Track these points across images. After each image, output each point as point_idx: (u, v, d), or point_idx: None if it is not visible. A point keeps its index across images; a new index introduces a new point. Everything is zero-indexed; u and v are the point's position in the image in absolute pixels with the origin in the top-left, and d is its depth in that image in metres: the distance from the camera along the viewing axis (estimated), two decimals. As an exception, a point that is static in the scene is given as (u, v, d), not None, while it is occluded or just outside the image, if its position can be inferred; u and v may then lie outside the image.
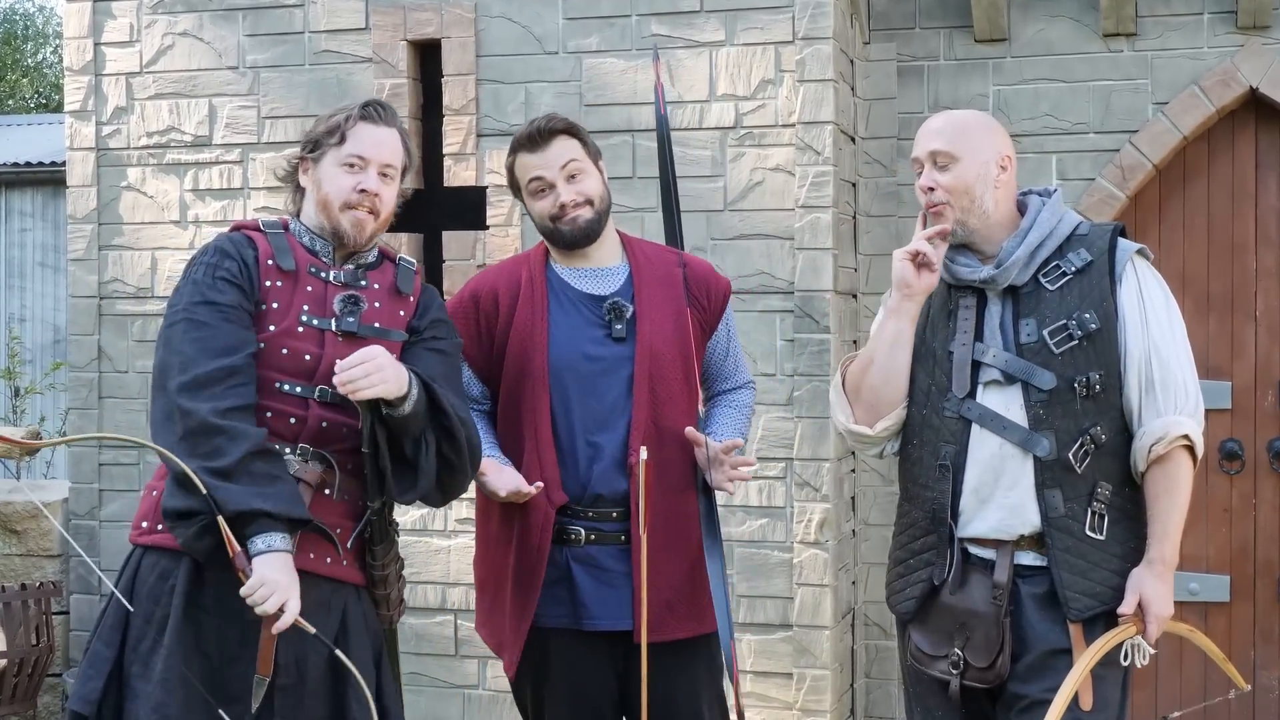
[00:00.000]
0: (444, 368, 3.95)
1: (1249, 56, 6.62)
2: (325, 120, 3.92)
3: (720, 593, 4.17)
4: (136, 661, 3.69)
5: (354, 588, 3.88)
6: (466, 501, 6.80)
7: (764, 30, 6.57)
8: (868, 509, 7.00)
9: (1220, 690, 6.77)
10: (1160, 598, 3.78)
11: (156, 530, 3.73)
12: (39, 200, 16.06)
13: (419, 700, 6.89)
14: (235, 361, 3.66)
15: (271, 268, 3.81)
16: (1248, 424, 6.84)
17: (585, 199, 4.20)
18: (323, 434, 3.80)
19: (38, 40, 30.17)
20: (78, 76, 7.40)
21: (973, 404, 3.89)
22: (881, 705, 6.99)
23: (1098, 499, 3.82)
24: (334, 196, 3.86)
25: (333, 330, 3.82)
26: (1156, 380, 3.83)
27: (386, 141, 3.93)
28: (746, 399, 4.45)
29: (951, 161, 3.92)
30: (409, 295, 3.98)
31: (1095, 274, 3.87)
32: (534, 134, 4.20)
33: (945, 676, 3.93)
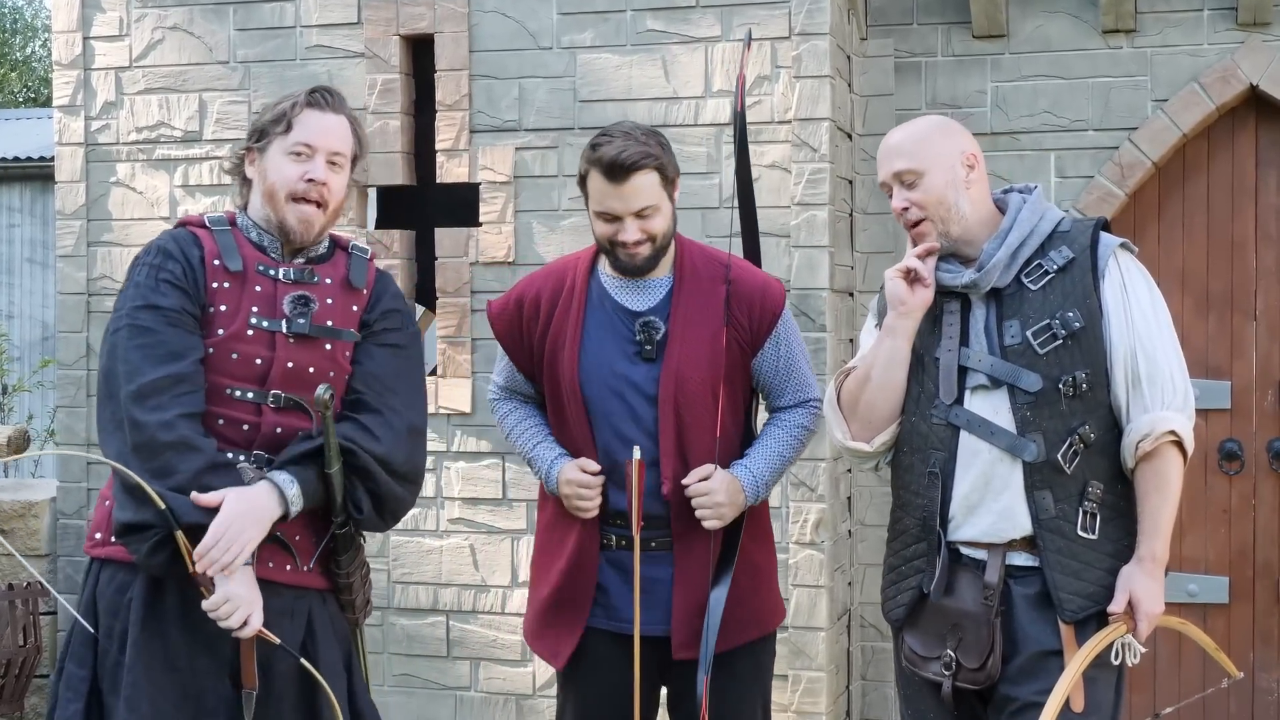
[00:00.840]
0: (395, 364, 3.88)
1: (1249, 53, 6.58)
2: (271, 109, 3.81)
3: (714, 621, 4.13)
4: (106, 678, 3.65)
5: (318, 592, 3.83)
6: (459, 501, 6.83)
7: (760, 26, 6.53)
8: (864, 509, 6.96)
9: (1219, 695, 6.74)
10: (1150, 595, 3.76)
11: (111, 542, 3.66)
12: (27, 196, 16.02)
13: (410, 702, 6.86)
14: (182, 368, 3.58)
15: (218, 268, 3.71)
16: (1247, 424, 6.81)
17: (648, 238, 4.12)
18: (276, 439, 3.73)
19: (26, 34, 30.10)
20: (67, 71, 7.35)
21: (960, 410, 3.88)
22: (877, 707, 6.96)
23: (1089, 499, 3.81)
24: (280, 186, 3.76)
25: (284, 332, 3.74)
26: (1143, 376, 3.81)
27: (334, 128, 3.83)
28: (797, 420, 4.33)
29: (917, 177, 3.92)
30: (362, 288, 3.89)
31: (1078, 271, 3.85)
32: (617, 164, 4.03)
33: (938, 678, 3.92)
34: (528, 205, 6.77)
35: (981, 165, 3.98)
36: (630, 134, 4.10)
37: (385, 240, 6.97)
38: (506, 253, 6.78)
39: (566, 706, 4.33)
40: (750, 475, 4.21)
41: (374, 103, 6.93)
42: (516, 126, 6.81)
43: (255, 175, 3.81)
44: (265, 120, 3.80)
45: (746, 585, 4.24)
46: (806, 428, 4.34)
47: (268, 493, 3.61)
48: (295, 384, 3.74)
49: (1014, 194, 4.02)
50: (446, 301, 6.84)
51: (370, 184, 7.02)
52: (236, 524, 3.52)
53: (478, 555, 6.81)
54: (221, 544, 3.50)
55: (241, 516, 3.54)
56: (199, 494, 3.52)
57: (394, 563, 6.94)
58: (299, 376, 3.74)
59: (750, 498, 4.20)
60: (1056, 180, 6.77)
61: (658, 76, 6.65)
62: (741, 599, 4.21)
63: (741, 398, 4.29)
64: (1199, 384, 6.63)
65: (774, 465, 4.26)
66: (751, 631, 4.26)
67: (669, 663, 4.20)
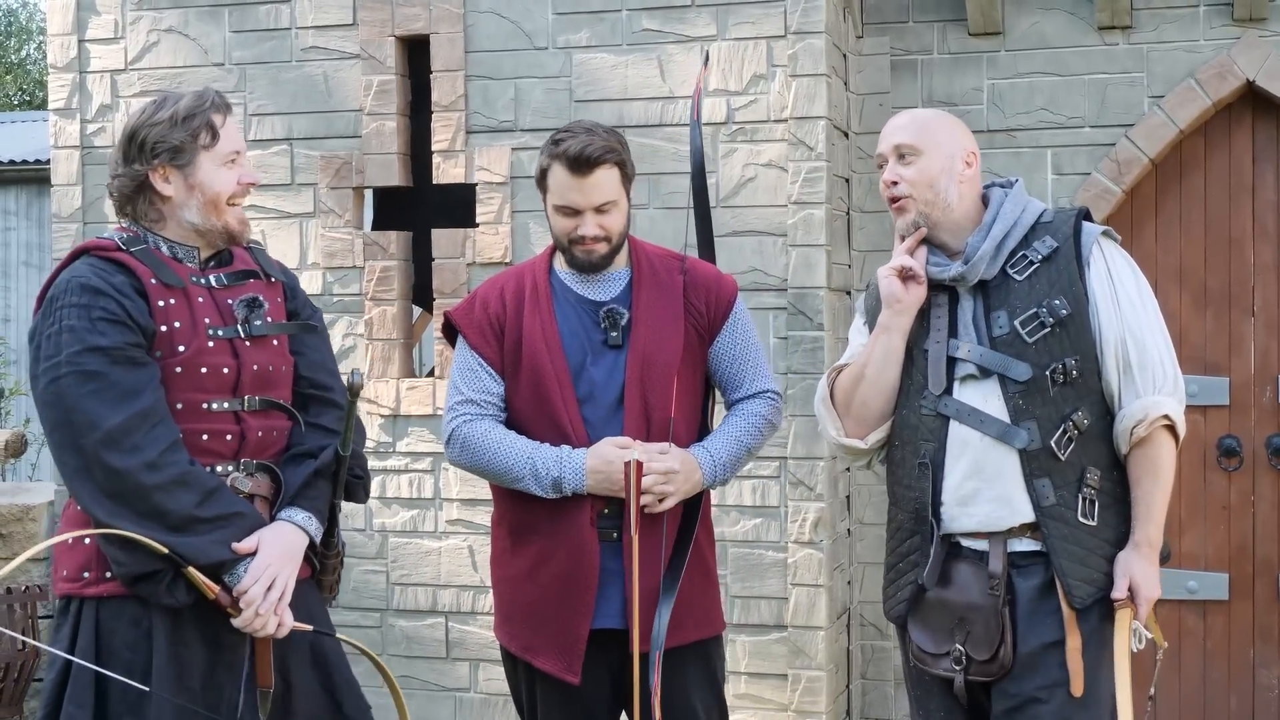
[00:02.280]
0: (326, 348, 4.01)
1: (1246, 49, 6.60)
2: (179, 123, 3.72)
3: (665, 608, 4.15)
4: (127, 712, 3.60)
5: (307, 582, 3.90)
6: (458, 503, 6.85)
7: (756, 25, 6.55)
8: (863, 508, 6.98)
9: (1220, 692, 6.80)
10: (1149, 579, 3.83)
11: (105, 579, 3.63)
12: (23, 199, 16.03)
13: (409, 704, 6.77)
14: (144, 404, 3.56)
15: (158, 286, 3.67)
16: (1246, 420, 6.82)
17: (605, 235, 4.19)
18: (260, 443, 3.79)
19: (21, 37, 30.11)
20: (62, 74, 7.36)
21: (949, 400, 3.92)
22: (878, 707, 6.97)
23: (1087, 485, 3.85)
24: (223, 194, 3.76)
25: (241, 337, 3.77)
26: (1134, 361, 3.85)
27: (240, 130, 3.92)
28: (755, 409, 4.36)
29: (915, 155, 3.97)
30: (278, 280, 3.96)
31: (1062, 260, 3.89)
32: (581, 158, 4.12)
33: (949, 674, 3.95)
34: (524, 205, 6.79)
35: (978, 168, 4.04)
36: (593, 130, 4.19)
37: (381, 241, 6.98)
38: (503, 253, 6.80)
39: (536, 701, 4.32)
40: (708, 455, 4.23)
41: (370, 104, 6.94)
42: (513, 127, 6.83)
43: (176, 190, 3.75)
44: (180, 137, 3.72)
45: (699, 584, 4.27)
46: (766, 417, 4.36)
47: (294, 532, 3.74)
48: (264, 385, 3.80)
49: (995, 188, 4.07)
50: (444, 302, 6.83)
51: (367, 185, 7.04)
52: (275, 564, 3.65)
53: (476, 557, 6.82)
54: (262, 582, 3.61)
55: (278, 558, 3.66)
56: (237, 544, 3.61)
57: (393, 564, 6.96)
58: (265, 377, 3.80)
59: (707, 476, 4.22)
60: (1053, 177, 6.79)
61: (653, 76, 6.67)
62: (693, 598, 4.23)
63: (700, 386, 4.34)
64: (1198, 380, 6.71)
65: (732, 450, 4.27)
66: (703, 630, 4.28)
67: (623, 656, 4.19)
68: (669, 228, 6.47)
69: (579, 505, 4.15)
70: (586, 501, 4.14)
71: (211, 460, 3.69)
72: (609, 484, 4.10)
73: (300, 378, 3.91)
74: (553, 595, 4.18)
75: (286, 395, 3.88)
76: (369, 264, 6.96)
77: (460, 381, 4.31)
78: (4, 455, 7.77)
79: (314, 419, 3.89)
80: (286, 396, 3.87)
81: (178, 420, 3.63)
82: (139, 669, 3.59)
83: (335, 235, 6.99)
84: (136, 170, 3.74)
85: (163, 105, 3.76)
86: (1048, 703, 3.83)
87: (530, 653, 4.24)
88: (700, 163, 4.59)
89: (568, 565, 4.16)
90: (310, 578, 3.92)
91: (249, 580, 3.60)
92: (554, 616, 4.18)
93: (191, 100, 3.76)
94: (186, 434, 3.64)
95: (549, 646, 4.20)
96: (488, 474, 4.26)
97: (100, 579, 3.63)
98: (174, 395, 3.65)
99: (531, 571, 4.22)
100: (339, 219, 7.01)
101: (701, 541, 4.32)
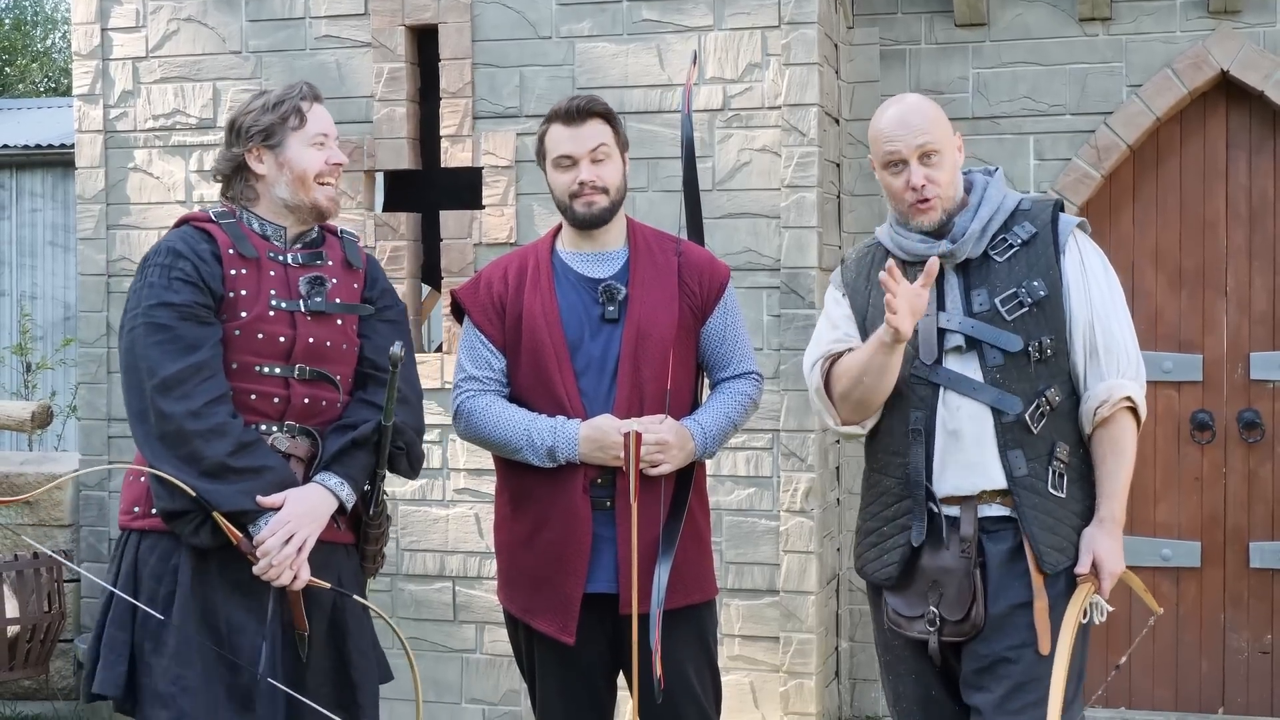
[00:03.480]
0: (393, 337, 4.15)
1: (1220, 40, 6.73)
2: (270, 109, 4.04)
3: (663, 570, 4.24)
4: (148, 638, 3.86)
5: (345, 547, 4.09)
6: (464, 472, 6.98)
7: (751, 15, 6.69)
8: (852, 478, 7.06)
9: (1193, 655, 6.96)
10: (1112, 555, 3.94)
11: (150, 514, 3.90)
12: (49, 181, 15.99)
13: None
14: (200, 358, 3.83)
15: (234, 256, 3.95)
16: (1218, 396, 6.97)
17: (604, 186, 4.33)
18: (305, 410, 4.00)
19: (46, 26, 30.09)
20: (85, 61, 7.50)
21: (942, 369, 4.00)
22: (865, 668, 7.10)
23: (1057, 458, 3.96)
24: (310, 172, 4.03)
25: (301, 311, 4.00)
26: (1100, 345, 3.97)
27: (328, 116, 4.16)
28: (741, 388, 4.47)
29: (938, 155, 4.01)
30: (359, 268, 4.18)
31: (1040, 245, 4.01)
32: (572, 110, 4.32)
33: (923, 636, 4.03)
34: (529, 188, 6.91)
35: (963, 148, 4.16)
36: (581, 93, 4.43)
37: (392, 222, 7.11)
38: (509, 234, 6.93)
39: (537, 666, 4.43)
40: (699, 427, 4.33)
41: (381, 90, 7.07)
42: (518, 113, 6.95)
43: (269, 169, 4.04)
44: (270, 120, 4.02)
45: (692, 550, 4.36)
46: (750, 396, 4.49)
47: (322, 494, 3.93)
48: (317, 358, 4.01)
49: (976, 174, 4.16)
50: (451, 281, 6.97)
51: (378, 168, 7.16)
52: (295, 521, 3.83)
53: (482, 524, 6.96)
54: (279, 535, 3.80)
55: (300, 516, 3.85)
56: (262, 498, 3.82)
57: (402, 531, 7.08)
58: (319, 351, 4.01)
59: (699, 447, 4.32)
60: (1035, 162, 6.94)
61: (653, 64, 6.80)
62: (687, 564, 4.31)
63: (692, 362, 4.45)
64: (1172, 357, 6.86)
65: (721, 424, 4.39)
66: (694, 595, 4.35)
67: (616, 619, 4.30)
68: (667, 210, 6.57)
69: (573, 474, 4.24)
70: (580, 470, 4.23)
71: (256, 419, 3.93)
72: (601, 453, 4.22)
73: (363, 359, 4.12)
74: (548, 560, 4.27)
75: (343, 371, 4.07)
76: (380, 244, 7.08)
77: (465, 359, 4.44)
78: (31, 426, 7.88)
79: (368, 396, 4.08)
80: (344, 373, 4.07)
81: (231, 379, 3.89)
82: (161, 600, 3.85)
83: (347, 216, 7.03)
84: (235, 153, 4.05)
85: (259, 97, 4.08)
86: (1016, 662, 3.90)
87: (529, 614, 4.33)
88: (691, 154, 4.68)
89: (562, 531, 4.25)
90: (353, 545, 4.12)
91: (267, 532, 3.80)
92: (549, 580, 4.28)
93: (283, 90, 4.09)
94: (237, 392, 3.89)
95: (546, 609, 4.29)
96: (489, 445, 4.38)
97: (146, 514, 3.92)
98: (231, 355, 3.91)
99: (529, 538, 4.32)
100: (351, 201, 7.11)
101: (696, 510, 4.40)
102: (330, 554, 4.00)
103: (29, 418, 7.86)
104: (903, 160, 4.00)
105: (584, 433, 4.22)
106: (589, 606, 4.27)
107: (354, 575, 4.12)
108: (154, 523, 3.90)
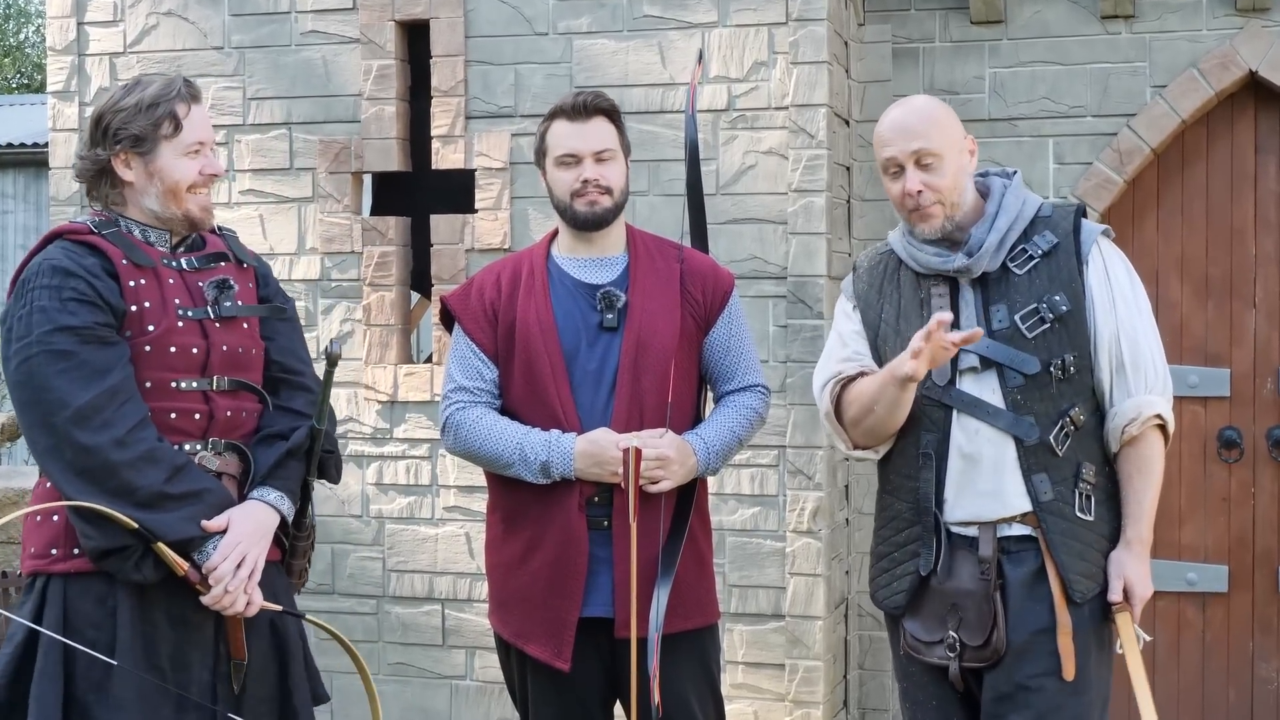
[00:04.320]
0: (297, 335, 4.05)
1: (1248, 39, 6.59)
2: (143, 110, 3.77)
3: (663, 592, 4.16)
4: (91, 690, 3.62)
5: (275, 565, 3.93)
6: (454, 489, 6.86)
7: (757, 11, 6.55)
8: (861, 497, 6.96)
9: (1219, 685, 6.81)
10: (1142, 579, 3.87)
11: (73, 556, 3.66)
12: (21, 182, 16.04)
13: (405, 691, 6.86)
14: (112, 382, 3.60)
15: (129, 267, 3.72)
16: (1246, 412, 6.81)
17: (607, 187, 4.24)
18: (229, 423, 3.83)
19: (19, 20, 30.07)
20: (60, 56, 7.35)
21: (956, 391, 3.91)
22: (875, 697, 6.97)
23: (1083, 480, 3.86)
24: (183, 183, 3.80)
25: (211, 318, 3.81)
26: (1127, 360, 3.87)
27: (207, 119, 3.92)
28: (746, 401, 4.39)
29: (937, 159, 3.91)
30: (250, 265, 4.01)
31: (1062, 256, 3.89)
32: (578, 106, 4.25)
33: (944, 662, 3.95)
34: (524, 191, 6.78)
35: (976, 154, 4.03)
36: (586, 89, 4.39)
37: (380, 227, 6.97)
38: (502, 239, 6.79)
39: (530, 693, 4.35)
40: (702, 441, 4.27)
41: (369, 89, 6.93)
42: (513, 112, 6.82)
43: (137, 177, 3.79)
44: (141, 125, 3.76)
45: (693, 572, 4.29)
46: (756, 410, 4.40)
47: (265, 510, 3.78)
48: (233, 366, 3.84)
49: (994, 178, 4.04)
50: (442, 288, 6.83)
51: (365, 170, 7.03)
52: (245, 542, 3.68)
53: (473, 543, 6.81)
54: (231, 559, 3.63)
55: (248, 535, 3.69)
56: (207, 522, 3.64)
57: (389, 551, 6.96)
58: (234, 358, 3.84)
59: (701, 463, 4.25)
60: (1055, 166, 6.78)
61: (654, 62, 6.66)
62: (688, 587, 4.25)
63: (695, 373, 4.36)
64: (1198, 371, 6.72)
65: (725, 438, 4.31)
66: (695, 619, 4.29)
67: (613, 644, 4.22)
68: (669, 214, 6.46)
69: (568, 491, 4.17)
70: (576, 488, 4.17)
71: (179, 439, 3.73)
72: (598, 469, 4.13)
73: (271, 362, 3.96)
74: (542, 582, 4.21)
75: (257, 378, 3.91)
76: (367, 249, 6.95)
77: (455, 369, 4.35)
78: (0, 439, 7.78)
79: (285, 402, 3.94)
80: (257, 379, 3.91)
81: (146, 399, 3.67)
82: (103, 647, 3.62)
83: (334, 220, 6.97)
84: (99, 155, 3.79)
85: (131, 91, 3.80)
86: (1038, 691, 3.83)
87: (522, 639, 4.26)
88: (695, 157, 4.61)
89: (556, 552, 4.18)
90: (279, 561, 3.95)
91: (218, 557, 3.63)
92: (544, 603, 4.21)
93: (158, 88, 3.79)
94: (155, 412, 3.68)
95: (540, 633, 4.22)
96: (480, 460, 4.30)
97: (68, 555, 3.67)
98: (143, 374, 3.68)
99: (523, 558, 4.25)
100: (338, 204, 7.00)
101: (697, 530, 4.34)
102: (265, 573, 3.83)
103: (-2, 430, 7.75)
104: (900, 165, 3.93)
105: (580, 447, 4.14)
106: (585, 631, 4.20)
107: (286, 591, 3.97)
108: (79, 564, 3.66)
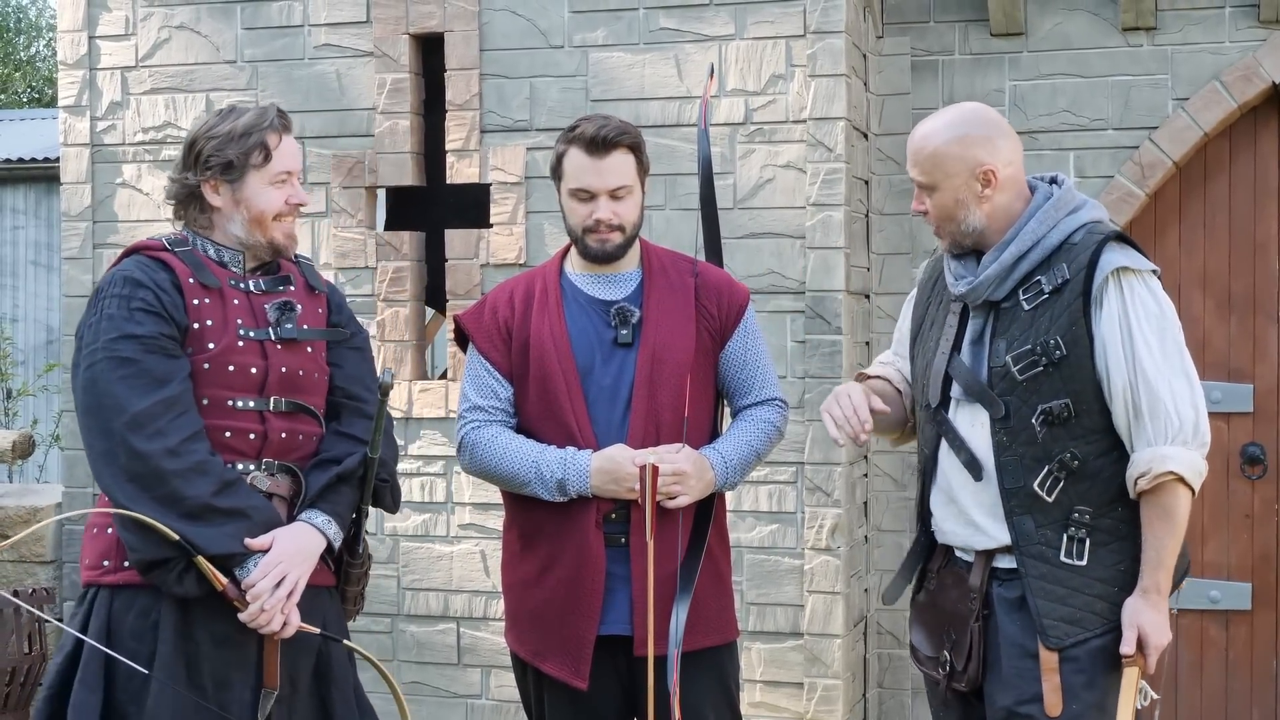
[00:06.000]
0: (365, 365, 4.09)
1: (1272, 51, 6.54)
2: (235, 139, 3.86)
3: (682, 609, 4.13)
4: (130, 701, 3.68)
5: (328, 590, 3.96)
6: (470, 507, 6.83)
7: (775, 24, 6.50)
8: (880, 514, 6.92)
9: (1243, 705, 6.76)
10: (1158, 628, 3.72)
11: (123, 568, 3.72)
12: (32, 197, 16.03)
13: (420, 710, 6.82)
14: (171, 392, 3.67)
15: (195, 285, 3.80)
16: (1270, 427, 6.76)
17: (619, 225, 4.19)
18: (283, 445, 3.86)
19: (30, 33, 30.08)
20: (72, 71, 7.32)
21: (943, 416, 3.90)
22: (894, 716, 6.93)
23: (1074, 524, 3.74)
24: (269, 212, 3.89)
25: (271, 339, 3.86)
26: (1144, 409, 3.68)
27: (298, 150, 4.03)
28: (764, 415, 4.34)
29: (929, 191, 3.87)
30: (321, 292, 4.06)
31: (1069, 294, 3.71)
32: (598, 140, 4.16)
33: (937, 677, 3.97)
34: (539, 206, 6.74)
35: (1001, 180, 3.80)
36: (609, 118, 4.24)
37: (394, 242, 6.93)
38: (518, 254, 6.75)
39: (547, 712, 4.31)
40: (720, 456, 4.22)
41: (383, 102, 6.89)
42: (528, 126, 6.78)
43: (224, 203, 3.89)
44: (234, 153, 3.85)
45: (712, 589, 4.25)
46: (775, 424, 4.35)
47: (311, 533, 3.80)
48: (292, 389, 3.88)
49: (1040, 189, 3.87)
50: (457, 304, 6.80)
51: (379, 185, 7.00)
52: (286, 562, 3.70)
53: (489, 561, 6.77)
54: (270, 577, 3.66)
55: (291, 556, 3.71)
56: (250, 540, 3.67)
57: (404, 569, 6.92)
58: (293, 381, 3.88)
59: (719, 478, 4.20)
60: (1076, 180, 6.69)
61: (671, 75, 6.61)
62: (707, 604, 4.21)
63: (711, 388, 4.32)
64: (1221, 387, 6.66)
65: (743, 453, 4.26)
66: (714, 637, 4.25)
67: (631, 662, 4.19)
68: (685, 229, 6.41)
69: (585, 509, 4.13)
70: (592, 505, 4.12)
71: (233, 458, 3.77)
72: (615, 485, 4.09)
73: (335, 387, 3.99)
74: (560, 600, 4.17)
75: (318, 402, 3.94)
76: (381, 264, 6.92)
77: (470, 388, 4.32)
78: (12, 457, 7.78)
79: (344, 428, 3.97)
80: (318, 404, 3.94)
81: (203, 415, 3.72)
82: (143, 660, 3.66)
83: (347, 235, 6.95)
84: (189, 179, 3.88)
85: (225, 118, 3.90)
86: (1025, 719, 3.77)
87: (539, 658, 4.23)
88: (708, 172, 4.57)
89: (574, 570, 4.15)
90: (335, 587, 3.97)
91: (258, 574, 3.66)
92: (561, 621, 4.17)
93: (252, 117, 3.89)
94: (211, 429, 3.73)
95: (557, 651, 4.18)
96: (496, 480, 4.27)
97: (118, 568, 3.73)
98: (201, 391, 3.74)
99: (539, 576, 4.22)
100: (351, 219, 6.96)
101: (715, 547, 4.30)
102: (314, 597, 3.86)
103: (9, 447, 7.85)
104: None
105: (596, 464, 4.10)
106: (602, 649, 4.17)
107: (338, 619, 3.99)
108: (128, 576, 3.72)
